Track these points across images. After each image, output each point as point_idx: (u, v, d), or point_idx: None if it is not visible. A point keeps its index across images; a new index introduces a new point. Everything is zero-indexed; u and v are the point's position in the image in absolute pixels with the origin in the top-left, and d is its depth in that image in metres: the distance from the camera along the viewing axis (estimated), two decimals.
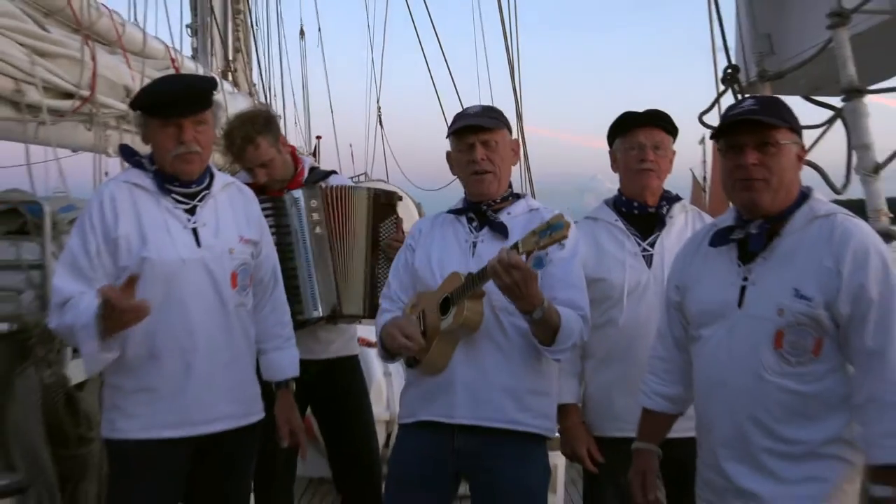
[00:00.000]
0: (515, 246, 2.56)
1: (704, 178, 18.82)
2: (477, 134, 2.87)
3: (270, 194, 3.56)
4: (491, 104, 3.09)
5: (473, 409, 2.77)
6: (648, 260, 3.11)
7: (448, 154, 3.01)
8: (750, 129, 2.40)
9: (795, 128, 2.44)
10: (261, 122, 3.64)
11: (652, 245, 3.13)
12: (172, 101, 2.81)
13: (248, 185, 3.43)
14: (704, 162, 18.81)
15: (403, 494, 2.89)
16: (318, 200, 3.52)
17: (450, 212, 3.02)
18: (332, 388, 3.59)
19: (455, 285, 2.73)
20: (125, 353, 2.81)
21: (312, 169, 3.76)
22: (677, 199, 3.24)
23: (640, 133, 3.15)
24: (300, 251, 3.49)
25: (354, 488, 3.69)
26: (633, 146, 3.16)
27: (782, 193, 2.40)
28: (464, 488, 2.95)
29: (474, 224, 2.92)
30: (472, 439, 2.79)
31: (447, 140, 3.00)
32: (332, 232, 3.54)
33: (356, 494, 3.69)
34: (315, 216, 3.51)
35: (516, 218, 2.91)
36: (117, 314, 2.53)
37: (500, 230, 2.85)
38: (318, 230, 3.51)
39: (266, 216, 3.36)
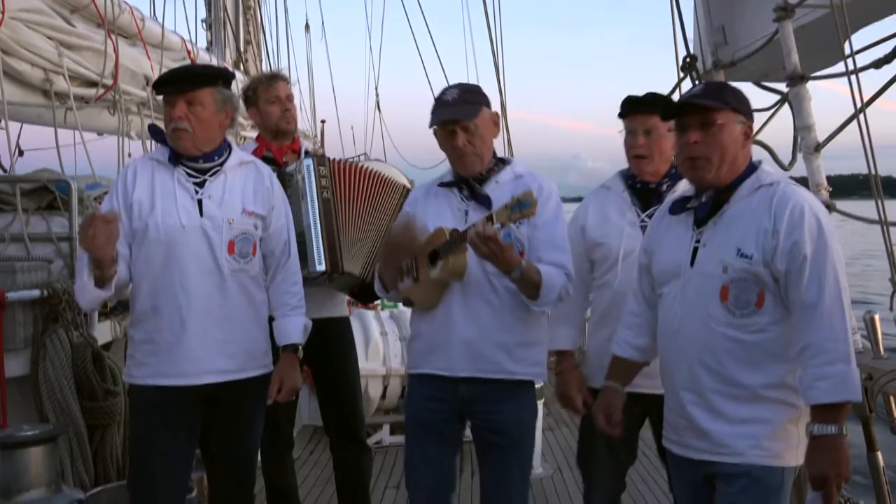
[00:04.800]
0: (490, 217, 2.58)
1: None
2: (456, 122, 2.82)
3: (280, 162, 3.60)
4: (467, 82, 3.05)
5: (471, 363, 2.80)
6: (645, 230, 2.99)
7: (435, 132, 2.92)
8: (694, 111, 2.38)
9: (739, 109, 2.39)
10: None
11: (650, 217, 3.01)
12: (167, 81, 2.87)
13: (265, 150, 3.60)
14: None
15: (420, 431, 2.93)
16: (325, 168, 3.53)
17: (441, 185, 2.97)
18: (322, 344, 3.49)
19: (441, 240, 2.77)
20: (135, 306, 2.87)
21: (307, 152, 3.76)
22: (682, 176, 3.08)
23: (633, 119, 3.07)
24: (308, 212, 3.45)
25: (339, 431, 3.75)
26: (628, 131, 3.10)
27: (725, 167, 2.38)
28: (466, 436, 2.99)
29: (465, 193, 2.90)
30: (473, 388, 2.83)
31: None
32: (337, 197, 3.53)
33: (340, 436, 3.76)
34: (323, 182, 3.51)
35: (503, 186, 2.86)
36: (95, 227, 2.55)
37: (485, 203, 2.83)
38: (325, 194, 3.51)
39: None
